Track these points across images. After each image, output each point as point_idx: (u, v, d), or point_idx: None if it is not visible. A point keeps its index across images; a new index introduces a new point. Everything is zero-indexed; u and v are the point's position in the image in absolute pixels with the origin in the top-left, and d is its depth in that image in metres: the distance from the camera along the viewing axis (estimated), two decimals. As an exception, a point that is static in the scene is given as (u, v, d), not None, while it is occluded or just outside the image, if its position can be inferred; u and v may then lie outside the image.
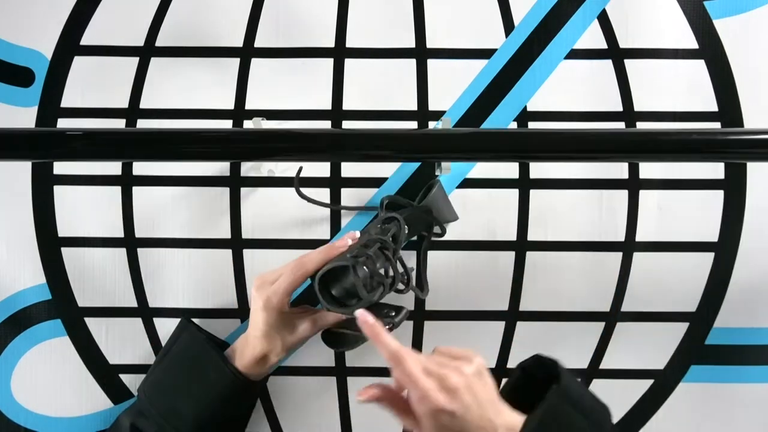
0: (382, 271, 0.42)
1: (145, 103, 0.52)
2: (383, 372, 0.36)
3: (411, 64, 0.52)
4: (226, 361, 0.43)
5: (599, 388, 0.49)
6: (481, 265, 0.51)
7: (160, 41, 0.52)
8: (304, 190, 0.49)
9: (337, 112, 0.52)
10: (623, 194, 0.52)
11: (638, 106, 0.52)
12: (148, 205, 0.52)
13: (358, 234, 0.43)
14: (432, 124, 0.52)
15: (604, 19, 0.51)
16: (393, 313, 0.40)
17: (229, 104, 0.52)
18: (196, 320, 0.51)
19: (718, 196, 0.51)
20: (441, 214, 0.49)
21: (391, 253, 0.42)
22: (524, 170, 0.52)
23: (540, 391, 0.36)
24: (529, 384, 0.39)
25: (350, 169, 0.52)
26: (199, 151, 0.42)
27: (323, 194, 0.51)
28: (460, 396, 0.33)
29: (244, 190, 0.52)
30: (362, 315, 0.35)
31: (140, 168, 0.52)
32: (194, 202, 0.52)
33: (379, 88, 0.52)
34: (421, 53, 0.52)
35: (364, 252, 0.40)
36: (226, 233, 0.52)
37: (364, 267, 0.40)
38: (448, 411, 0.32)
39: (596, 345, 0.52)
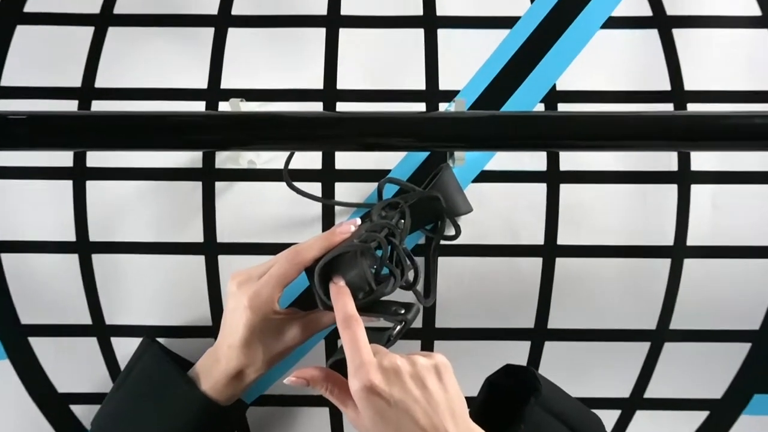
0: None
1: (101, 82, 0.52)
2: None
3: (418, 34, 0.52)
4: (196, 387, 0.43)
5: (643, 420, 0.49)
6: (501, 273, 0.51)
7: (119, 8, 0.52)
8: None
9: (330, 92, 0.52)
10: (671, 189, 0.51)
11: (689, 85, 0.51)
12: (105, 203, 0.52)
13: (359, 221, 0.43)
14: (443, 107, 0.52)
15: (648, -19, 0.51)
16: (402, 311, 0.40)
17: (201, 83, 0.52)
18: (161, 340, 0.50)
19: (784, 191, 0.51)
20: (451, 204, 0.48)
21: (398, 240, 0.42)
22: (553, 161, 0.52)
23: (515, 407, 0.36)
24: (501, 401, 0.39)
25: (346, 160, 0.52)
26: (165, 138, 0.42)
27: (314, 189, 0.51)
28: (402, 382, 0.34)
29: (219, 185, 0.52)
30: (337, 280, 0.38)
31: (95, 159, 0.52)
32: (160, 199, 0.51)
33: (380, 64, 0.52)
34: (429, 22, 0.52)
35: (374, 237, 0.40)
36: (198, 236, 0.52)
37: (375, 253, 0.40)
38: (383, 395, 0.33)
39: (640, 370, 0.52)
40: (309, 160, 0.52)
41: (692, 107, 0.51)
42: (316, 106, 0.52)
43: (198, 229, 0.52)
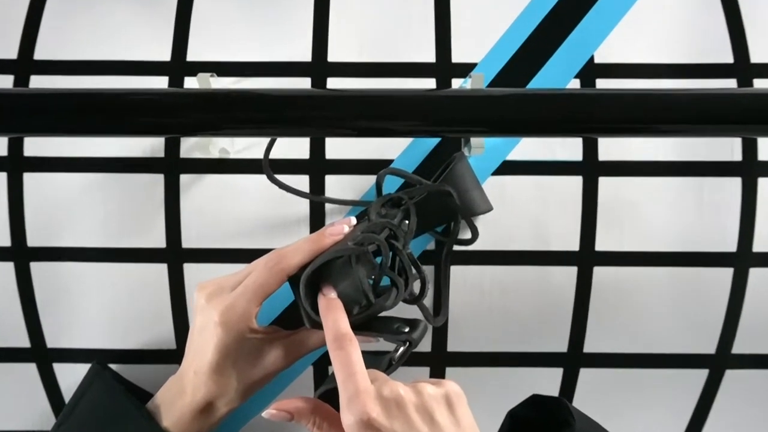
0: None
1: (41, 53, 0.52)
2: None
3: (426, -4, 0.52)
4: (156, 423, 0.42)
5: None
6: (527, 286, 0.51)
7: (65, -37, 0.52)
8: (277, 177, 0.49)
9: (319, 66, 0.52)
10: (734, 184, 0.51)
11: (756, 57, 0.51)
12: (47, 201, 0.52)
13: (354, 221, 0.43)
14: (457, 83, 0.52)
15: (705, -69, 0.52)
16: (407, 329, 0.40)
17: (164, 54, 0.52)
18: (114, 366, 0.50)
19: None
20: (467, 201, 0.48)
21: (402, 244, 0.42)
22: (590, 149, 0.51)
23: None
24: None
25: (339, 148, 0.52)
26: (119, 122, 0.41)
27: (300, 183, 0.51)
28: (405, 415, 0.33)
29: (185, 178, 0.52)
30: (327, 291, 0.39)
31: (35, 146, 0.52)
32: (113, 195, 0.51)
33: (380, 31, 0.52)
34: (440, -20, 0.52)
35: (372, 239, 0.40)
36: (159, 240, 0.51)
37: (373, 259, 0.40)
38: (382, 431, 0.33)
39: (696, 403, 0.52)
40: (294, 148, 0.52)
41: (759, 84, 0.51)
42: (303, 83, 0.52)
43: (159, 232, 0.52)
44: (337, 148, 0.52)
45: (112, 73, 0.52)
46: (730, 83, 0.51)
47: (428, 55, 0.52)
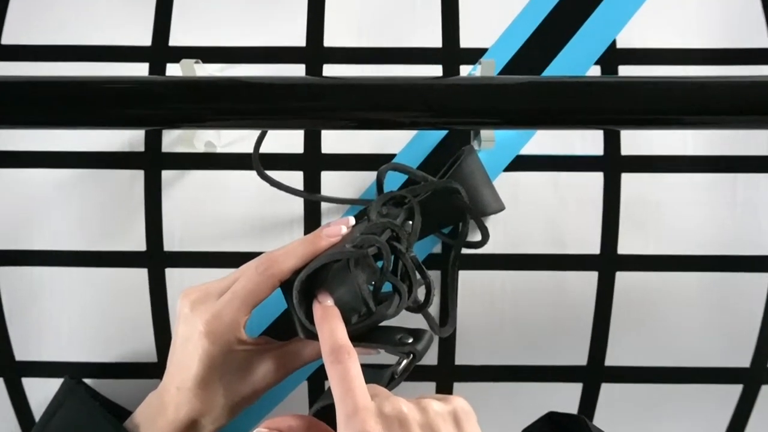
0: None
1: (8, 37, 0.52)
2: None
3: (432, -26, 0.52)
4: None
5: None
6: (543, 293, 0.51)
7: (35, -61, 0.52)
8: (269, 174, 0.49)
9: (314, 51, 0.52)
10: (770, 180, 0.52)
11: (794, 41, 0.52)
12: (15, 199, 0.52)
13: (353, 221, 0.43)
14: (465, 70, 0.52)
15: None
16: (410, 340, 0.40)
17: (144, 38, 0.52)
18: (89, 381, 0.50)
19: None
20: (477, 199, 0.48)
21: (405, 247, 0.42)
22: (612, 143, 0.52)
23: None
24: None
25: (336, 141, 0.52)
26: (95, 113, 0.42)
27: (294, 180, 0.51)
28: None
29: (167, 175, 0.52)
30: (323, 298, 0.39)
31: (0, 139, 0.52)
32: (88, 193, 0.51)
33: (382, 14, 0.52)
34: (447, -43, 0.52)
35: (372, 241, 0.40)
36: (139, 243, 0.51)
37: (374, 263, 0.40)
38: None
39: (729, 421, 0.52)
40: (287, 141, 0.52)
41: (798, 70, 0.51)
42: (297, 70, 0.52)
43: (139, 234, 0.51)
44: (334, 141, 0.52)
45: (85, 59, 0.52)
46: (766, 70, 0.51)
47: (434, 40, 0.52)
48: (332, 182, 0.51)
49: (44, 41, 0.52)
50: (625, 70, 0.52)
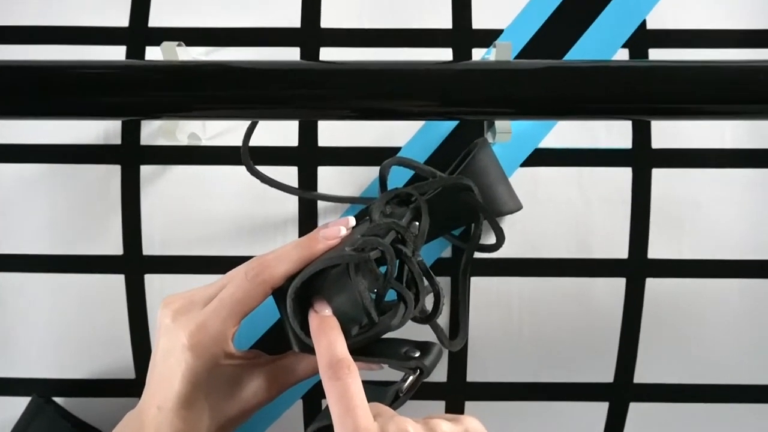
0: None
1: (-28, 18, 0.52)
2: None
3: (441, -53, 0.52)
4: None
5: None
6: (565, 301, 0.51)
7: None
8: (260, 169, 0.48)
9: (311, 33, 0.52)
10: (818, 177, 0.52)
11: (844, 21, 0.51)
12: (-22, 197, 0.52)
13: (353, 221, 0.43)
14: (478, 54, 0.51)
15: None
16: (417, 354, 0.40)
17: (121, 19, 0.52)
18: (60, 400, 0.50)
19: None
20: (491, 197, 0.48)
21: (411, 250, 0.42)
22: (641, 135, 0.51)
23: None
24: None
25: (334, 133, 0.52)
26: (66, 101, 0.42)
27: (288, 176, 0.51)
28: None
29: (146, 170, 0.51)
30: (320, 307, 0.39)
31: (-36, 131, 0.52)
32: (59, 191, 0.51)
33: (385, -9, 0.52)
34: (458, -71, 0.52)
35: (375, 243, 0.40)
36: (115, 246, 0.51)
37: (376, 269, 0.40)
38: None
39: (774, 445, 0.52)
40: (280, 133, 0.51)
41: None
42: (290, 54, 0.52)
43: (115, 236, 0.51)
44: (331, 133, 0.52)
45: (54, 41, 0.52)
46: (813, 54, 0.51)
47: (443, 20, 0.52)
48: (330, 179, 0.51)
49: (8, 22, 0.52)
50: (656, 54, 0.52)
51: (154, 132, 0.52)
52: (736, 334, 0.51)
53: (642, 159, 0.51)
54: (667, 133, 0.51)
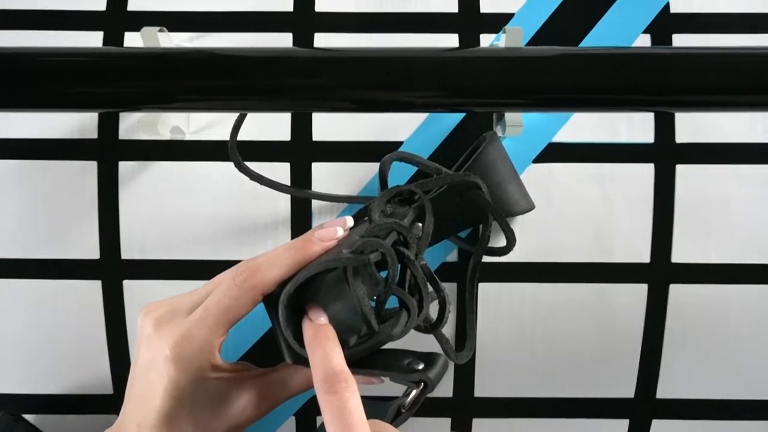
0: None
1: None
2: None
3: (446, -76, 0.52)
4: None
5: None
6: (582, 309, 0.51)
7: None
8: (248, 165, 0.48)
9: (304, 17, 0.52)
10: None
11: None
12: (-57, 196, 0.52)
13: (351, 222, 0.43)
14: (486, 40, 0.51)
15: None
16: (421, 366, 0.40)
17: (98, 2, 0.52)
18: (31, 417, 0.50)
19: None
20: (500, 195, 0.48)
21: (414, 253, 0.41)
22: (665, 128, 0.51)
23: None
24: None
25: (330, 127, 0.51)
26: (38, 91, 0.41)
27: (280, 173, 0.50)
28: None
29: (125, 167, 0.51)
30: (315, 315, 0.39)
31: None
32: (30, 189, 0.51)
33: (385, -29, 0.53)
34: None
35: (375, 245, 0.40)
36: (91, 250, 0.51)
37: (376, 273, 0.40)
38: None
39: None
40: (271, 126, 0.51)
41: None
42: (282, 40, 0.51)
43: (91, 239, 0.51)
44: (327, 127, 0.51)
45: (27, 27, 0.52)
46: None
47: (448, 3, 0.51)
48: (325, 176, 0.51)
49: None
50: (681, 40, 0.51)
51: (133, 125, 0.51)
52: (765, 345, 0.51)
53: (665, 154, 0.51)
54: (692, 127, 0.51)
